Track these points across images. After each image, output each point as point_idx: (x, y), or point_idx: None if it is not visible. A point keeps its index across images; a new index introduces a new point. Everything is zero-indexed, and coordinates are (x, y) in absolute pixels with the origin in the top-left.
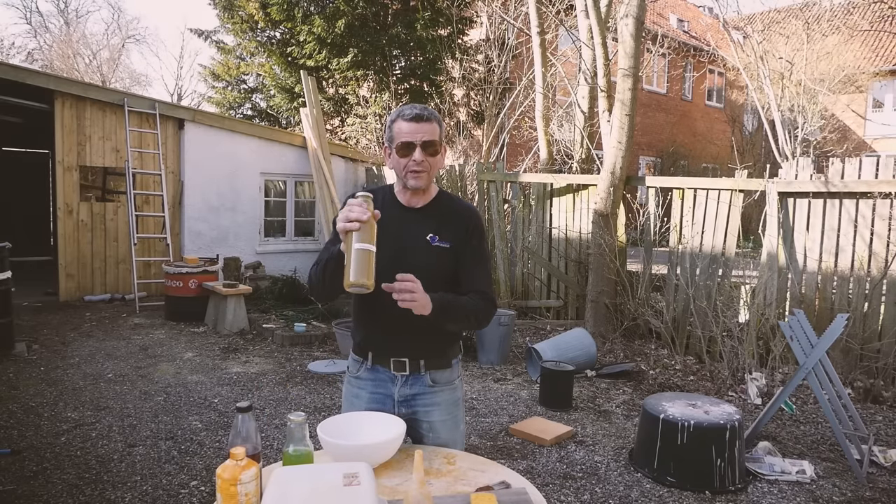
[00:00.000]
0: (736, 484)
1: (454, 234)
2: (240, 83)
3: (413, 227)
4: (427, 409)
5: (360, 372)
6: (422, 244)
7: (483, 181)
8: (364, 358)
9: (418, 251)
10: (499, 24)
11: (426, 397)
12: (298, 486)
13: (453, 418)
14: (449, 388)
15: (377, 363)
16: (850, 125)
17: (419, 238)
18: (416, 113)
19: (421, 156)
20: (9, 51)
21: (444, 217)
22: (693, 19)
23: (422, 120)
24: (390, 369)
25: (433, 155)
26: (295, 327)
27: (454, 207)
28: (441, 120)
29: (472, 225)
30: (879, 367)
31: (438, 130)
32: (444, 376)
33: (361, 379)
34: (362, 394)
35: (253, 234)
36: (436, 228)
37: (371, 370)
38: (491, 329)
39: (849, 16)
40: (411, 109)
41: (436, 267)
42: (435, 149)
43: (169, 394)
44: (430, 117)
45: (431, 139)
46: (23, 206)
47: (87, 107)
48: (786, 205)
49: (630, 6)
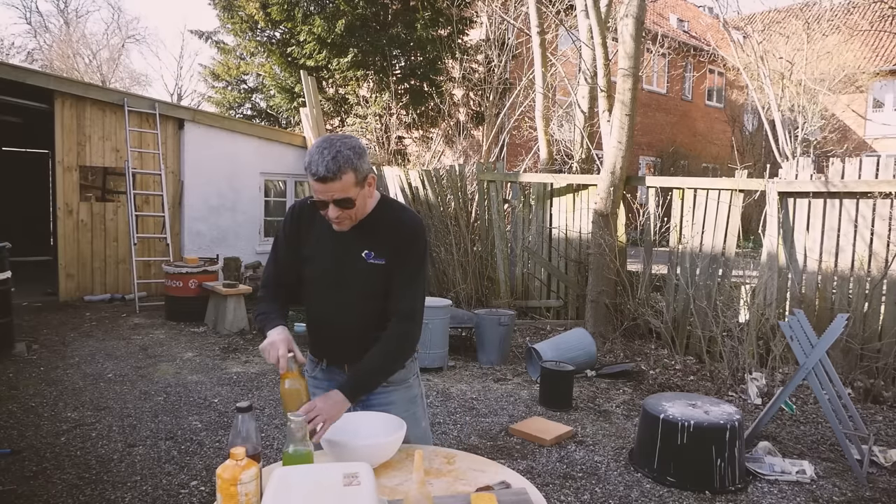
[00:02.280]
0: (736, 484)
1: (388, 249)
2: (240, 83)
3: (348, 243)
4: (384, 407)
5: (315, 372)
6: (357, 261)
7: (483, 181)
8: (319, 360)
9: (353, 269)
10: (499, 24)
11: (380, 396)
12: (298, 486)
13: (412, 415)
14: (403, 387)
15: (332, 365)
16: (850, 125)
17: (355, 255)
18: (321, 174)
19: (336, 212)
20: (9, 51)
21: (380, 231)
22: (693, 19)
23: (327, 181)
24: (345, 371)
25: (349, 207)
26: (295, 327)
27: (391, 220)
28: (357, 163)
29: (405, 236)
30: (879, 367)
31: (353, 179)
32: (397, 376)
33: (318, 378)
34: (319, 392)
35: (253, 234)
36: (371, 244)
37: (326, 371)
38: (491, 329)
39: (849, 16)
40: (317, 166)
41: (371, 283)
42: (350, 202)
43: (169, 394)
44: (335, 174)
45: (343, 196)
46: (23, 206)
47: (87, 107)
48: (786, 205)
49: (630, 6)
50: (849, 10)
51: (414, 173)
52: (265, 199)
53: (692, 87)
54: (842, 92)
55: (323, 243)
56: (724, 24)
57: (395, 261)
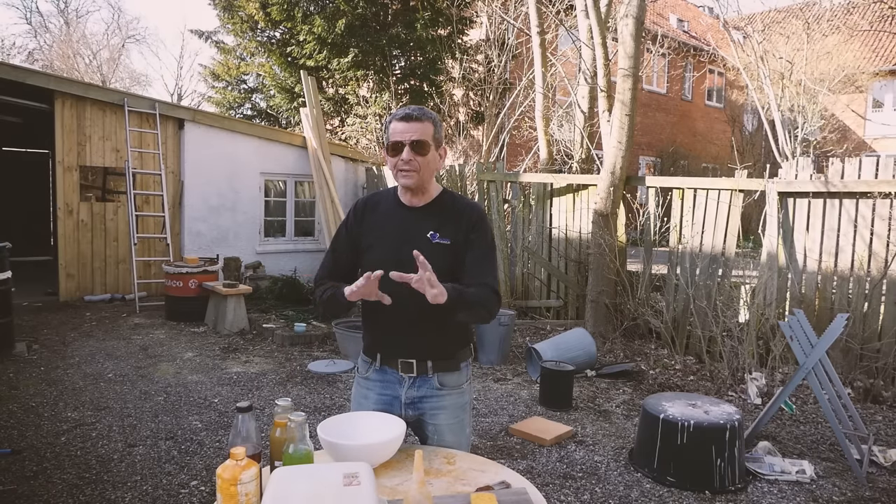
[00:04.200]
0: (736, 484)
1: (455, 231)
2: (240, 83)
3: (413, 226)
4: (434, 412)
5: (368, 373)
6: (422, 241)
7: (483, 181)
8: (373, 359)
9: (418, 248)
10: (499, 24)
11: (433, 400)
12: (298, 486)
13: (459, 422)
14: (457, 392)
15: (385, 364)
16: (850, 125)
17: (420, 236)
18: (406, 112)
19: (409, 154)
20: (9, 51)
21: (445, 215)
22: (693, 19)
23: (411, 119)
24: (398, 370)
25: (423, 154)
26: (295, 327)
27: (456, 205)
28: (437, 120)
29: (473, 219)
30: (879, 367)
31: (432, 130)
32: (452, 379)
33: (370, 380)
34: (370, 395)
35: (253, 234)
36: (436, 226)
37: (379, 371)
38: (491, 329)
39: (849, 16)
40: (403, 110)
41: (436, 264)
42: (425, 148)
43: (169, 394)
44: (420, 117)
45: (421, 138)
46: (23, 206)
47: (87, 107)
48: (786, 205)
49: (630, 6)
50: (849, 10)
51: None
52: (265, 199)
53: (692, 87)
54: (841, 92)
55: (389, 226)
56: (724, 24)
57: (462, 240)
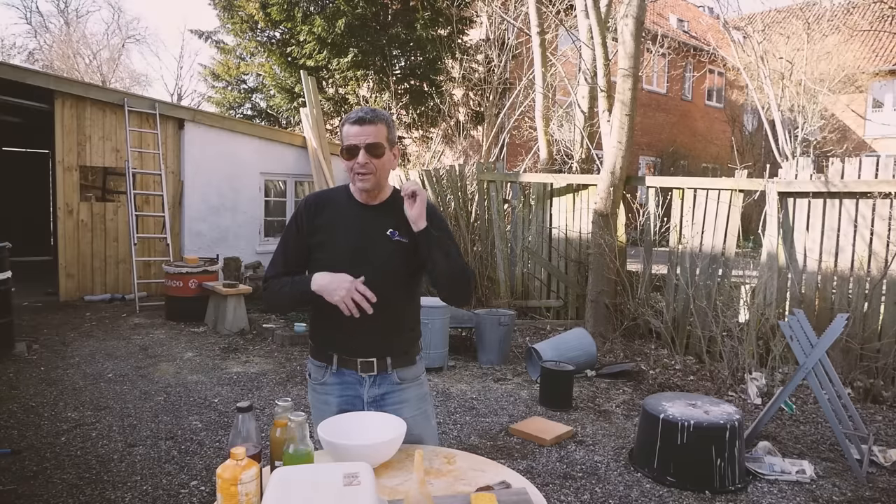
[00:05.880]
0: (736, 484)
1: (411, 230)
2: (240, 83)
3: (371, 223)
4: (397, 406)
5: (325, 378)
6: (381, 239)
7: (483, 181)
8: (328, 363)
9: (378, 246)
10: (499, 24)
11: (395, 395)
12: (298, 486)
13: (423, 413)
14: (416, 384)
15: (343, 366)
16: (850, 125)
17: (378, 233)
18: (358, 115)
19: (365, 158)
20: (9, 51)
21: (402, 214)
22: (693, 19)
23: (364, 122)
24: (357, 371)
25: (378, 156)
26: (295, 327)
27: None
28: (390, 120)
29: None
30: (879, 367)
31: (385, 131)
32: (410, 373)
33: (328, 384)
34: (330, 399)
35: (253, 234)
36: (395, 224)
37: (337, 374)
38: (491, 329)
39: (849, 16)
40: (356, 112)
41: (396, 261)
42: (380, 150)
43: (169, 394)
44: (373, 119)
45: (375, 141)
46: (23, 206)
47: (87, 107)
48: (786, 205)
49: (630, 6)
50: (849, 10)
51: (414, 173)
52: (265, 199)
53: (692, 87)
54: (841, 92)
55: (344, 223)
56: (724, 24)
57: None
